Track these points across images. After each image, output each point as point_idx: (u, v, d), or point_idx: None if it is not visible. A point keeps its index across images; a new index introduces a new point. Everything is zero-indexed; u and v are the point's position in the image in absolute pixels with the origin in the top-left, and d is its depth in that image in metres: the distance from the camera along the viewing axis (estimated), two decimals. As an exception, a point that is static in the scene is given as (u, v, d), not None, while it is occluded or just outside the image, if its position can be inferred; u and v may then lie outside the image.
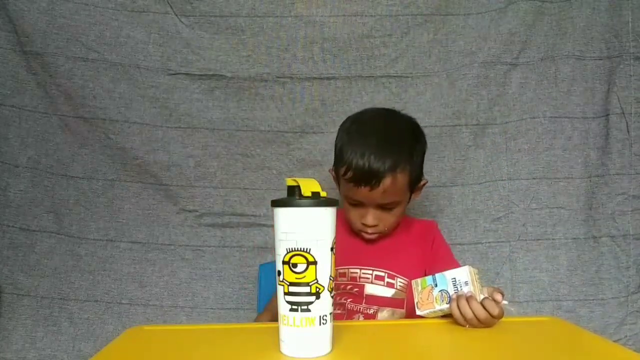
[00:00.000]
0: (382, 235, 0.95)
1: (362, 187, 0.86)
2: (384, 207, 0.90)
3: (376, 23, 1.16)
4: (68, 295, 1.18)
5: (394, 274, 0.93)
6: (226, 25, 1.16)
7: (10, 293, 1.18)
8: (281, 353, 0.60)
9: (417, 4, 1.16)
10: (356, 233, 0.95)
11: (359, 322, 0.87)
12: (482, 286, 0.74)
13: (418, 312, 0.76)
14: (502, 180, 1.20)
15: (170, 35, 1.16)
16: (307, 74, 1.17)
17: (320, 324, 0.59)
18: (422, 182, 0.96)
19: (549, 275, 1.19)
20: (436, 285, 0.74)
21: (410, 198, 0.95)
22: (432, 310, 0.74)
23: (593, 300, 1.18)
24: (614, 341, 1.05)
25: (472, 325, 0.70)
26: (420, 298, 0.76)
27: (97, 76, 1.16)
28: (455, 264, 0.95)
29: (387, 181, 0.86)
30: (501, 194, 1.19)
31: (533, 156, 1.19)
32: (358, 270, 0.93)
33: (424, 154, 0.96)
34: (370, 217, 0.90)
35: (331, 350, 0.61)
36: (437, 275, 0.75)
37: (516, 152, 1.20)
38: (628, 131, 1.18)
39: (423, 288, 0.76)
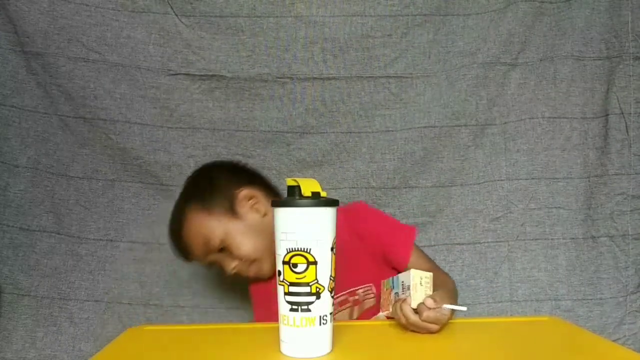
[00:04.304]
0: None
1: (189, 258, 0.93)
2: (222, 252, 0.91)
3: (376, 23, 1.16)
4: (68, 295, 1.18)
5: (353, 289, 0.90)
6: (226, 25, 1.16)
7: (10, 293, 1.18)
8: (281, 353, 0.60)
9: (417, 4, 1.16)
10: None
11: (359, 322, 0.87)
12: (429, 291, 0.71)
13: (380, 313, 0.76)
14: (501, 180, 1.20)
15: (170, 35, 1.16)
16: (307, 74, 1.17)
17: (320, 324, 0.59)
18: (235, 193, 0.93)
19: (548, 274, 1.19)
20: (393, 287, 0.73)
21: (242, 216, 0.92)
22: (389, 312, 0.74)
23: (591, 299, 1.19)
24: (613, 341, 1.06)
25: (414, 330, 0.68)
26: (384, 299, 0.75)
27: (97, 77, 1.16)
28: (408, 238, 0.92)
29: (186, 243, 0.93)
30: (500, 194, 1.20)
31: (532, 156, 1.20)
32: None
33: (215, 175, 0.99)
34: (225, 267, 0.92)
35: (331, 350, 0.61)
36: (394, 277, 0.74)
37: (515, 153, 1.20)
38: (627, 131, 1.19)
39: (387, 289, 0.75)
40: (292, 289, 0.59)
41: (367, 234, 0.93)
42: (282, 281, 0.59)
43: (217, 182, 0.97)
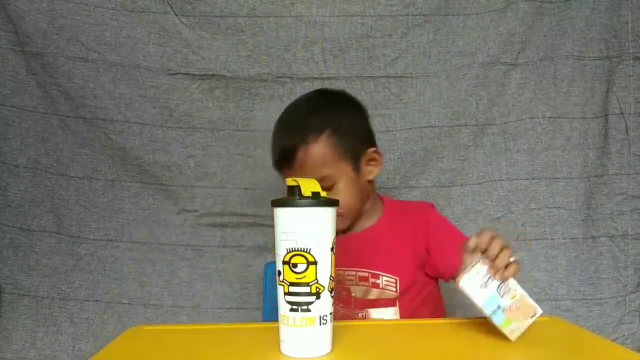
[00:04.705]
0: (370, 226, 0.91)
1: (284, 169, 0.85)
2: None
3: (376, 23, 1.16)
4: (68, 295, 1.18)
5: (378, 272, 0.88)
6: (226, 25, 1.16)
7: (10, 293, 1.18)
8: (281, 353, 0.60)
9: (417, 4, 1.16)
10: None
11: (359, 322, 0.87)
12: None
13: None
14: (501, 180, 1.20)
15: (170, 35, 1.16)
16: (307, 74, 1.17)
17: (320, 324, 0.59)
18: (369, 151, 0.89)
19: (548, 274, 1.19)
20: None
21: (359, 172, 0.87)
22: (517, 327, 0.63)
23: (591, 299, 1.19)
24: (612, 340, 1.06)
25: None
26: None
27: (97, 76, 1.16)
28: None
29: (300, 154, 0.82)
30: (500, 194, 1.20)
31: (532, 156, 1.20)
32: (342, 272, 0.89)
33: (358, 121, 0.90)
34: None
35: (331, 350, 0.61)
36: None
37: (515, 153, 1.20)
38: (627, 131, 1.19)
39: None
40: (292, 289, 0.59)
41: (421, 230, 0.90)
42: (282, 281, 0.59)
43: (361, 127, 0.90)
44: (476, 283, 0.63)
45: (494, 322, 0.63)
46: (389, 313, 0.89)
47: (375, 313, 0.89)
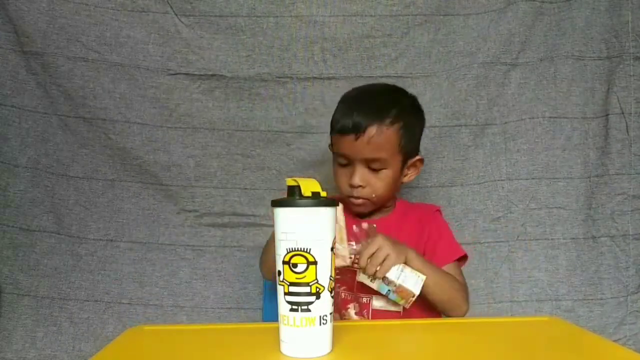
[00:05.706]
0: (381, 218, 0.94)
1: (348, 135, 0.88)
2: (370, 168, 0.89)
3: (376, 23, 1.16)
4: (68, 295, 1.18)
5: None
6: (226, 25, 1.16)
7: (10, 293, 1.18)
8: (281, 353, 0.60)
9: (417, 4, 1.16)
10: (346, 204, 0.92)
11: (359, 322, 0.87)
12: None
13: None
14: (501, 180, 1.20)
15: (170, 35, 1.16)
16: (307, 74, 1.17)
17: (320, 324, 0.59)
18: (417, 157, 0.95)
19: (548, 275, 1.19)
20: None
21: (402, 170, 0.93)
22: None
23: (592, 300, 1.19)
24: (614, 341, 1.05)
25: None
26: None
27: (97, 76, 1.16)
28: (453, 252, 0.94)
29: (372, 130, 0.86)
30: (500, 194, 1.20)
31: (532, 156, 1.20)
32: (351, 256, 0.92)
33: (419, 128, 0.96)
34: (357, 176, 0.89)
35: (331, 350, 0.61)
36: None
37: (515, 152, 1.20)
38: (627, 131, 1.19)
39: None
40: (292, 289, 0.58)
41: (423, 230, 0.95)
42: (282, 281, 0.59)
43: (419, 136, 0.96)
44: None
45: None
46: (390, 302, 0.89)
47: (377, 300, 0.90)
